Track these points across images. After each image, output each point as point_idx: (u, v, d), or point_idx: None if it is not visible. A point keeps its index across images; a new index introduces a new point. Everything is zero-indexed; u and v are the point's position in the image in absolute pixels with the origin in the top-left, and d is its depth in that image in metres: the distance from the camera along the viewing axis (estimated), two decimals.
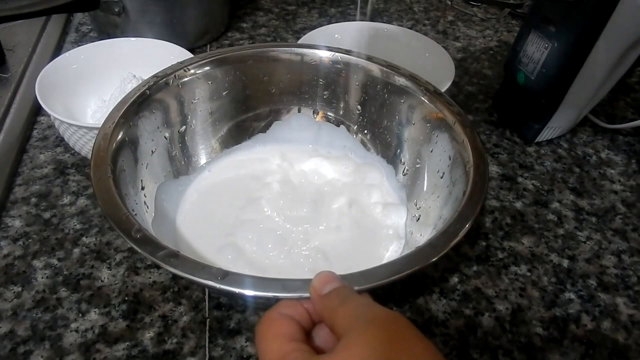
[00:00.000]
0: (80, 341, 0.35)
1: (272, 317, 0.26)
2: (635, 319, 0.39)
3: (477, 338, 0.37)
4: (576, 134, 0.56)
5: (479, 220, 0.46)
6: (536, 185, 0.50)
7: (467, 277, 0.41)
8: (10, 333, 0.36)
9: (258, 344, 0.25)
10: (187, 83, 0.44)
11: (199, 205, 0.44)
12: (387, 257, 0.40)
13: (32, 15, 0.52)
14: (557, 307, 0.39)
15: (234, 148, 0.49)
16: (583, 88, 0.49)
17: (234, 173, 0.47)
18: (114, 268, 0.40)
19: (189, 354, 0.35)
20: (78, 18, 0.73)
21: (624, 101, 0.61)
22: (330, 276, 0.26)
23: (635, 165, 0.52)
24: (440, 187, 0.40)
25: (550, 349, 0.37)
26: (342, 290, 0.26)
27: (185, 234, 0.41)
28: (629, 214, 0.47)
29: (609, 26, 0.43)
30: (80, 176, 0.48)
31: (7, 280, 0.39)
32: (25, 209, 0.45)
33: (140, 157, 0.40)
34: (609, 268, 0.42)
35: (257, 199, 0.44)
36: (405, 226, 0.43)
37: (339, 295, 0.25)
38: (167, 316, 0.37)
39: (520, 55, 0.51)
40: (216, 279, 0.28)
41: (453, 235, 0.31)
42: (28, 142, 0.52)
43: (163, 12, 0.62)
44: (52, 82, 0.48)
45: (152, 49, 0.54)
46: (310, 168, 0.47)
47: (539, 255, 0.43)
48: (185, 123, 0.45)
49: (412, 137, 0.44)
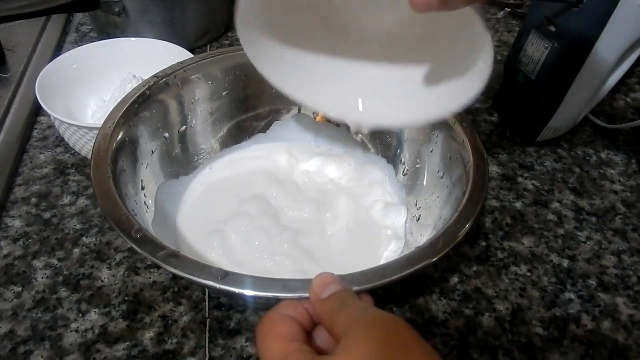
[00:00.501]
0: (80, 341, 0.35)
1: (273, 317, 0.26)
2: (635, 319, 0.39)
3: (477, 338, 0.37)
4: (576, 134, 0.56)
5: (479, 220, 0.46)
6: (536, 185, 0.50)
7: (467, 277, 0.41)
8: (10, 333, 0.36)
9: (259, 345, 0.25)
10: (187, 83, 0.44)
11: (199, 205, 0.44)
12: (386, 257, 0.40)
13: (32, 15, 0.52)
14: (557, 307, 0.39)
15: (234, 148, 0.49)
16: (583, 88, 0.49)
17: (234, 173, 0.47)
18: (114, 268, 0.40)
19: (189, 354, 0.35)
20: (78, 18, 0.73)
21: (624, 101, 0.61)
22: (329, 278, 0.26)
23: (635, 165, 0.52)
24: (440, 187, 0.40)
25: (550, 349, 0.37)
26: (342, 295, 0.25)
27: (185, 234, 0.41)
28: (629, 214, 0.47)
29: (609, 26, 0.43)
30: (80, 176, 0.48)
31: (7, 280, 0.39)
32: (25, 209, 0.45)
33: (140, 157, 0.40)
34: (609, 268, 0.42)
35: (257, 198, 0.44)
36: (405, 226, 0.43)
37: (338, 300, 0.25)
38: (167, 316, 0.37)
39: (520, 55, 0.51)
40: (216, 279, 0.28)
41: (453, 235, 0.31)
42: (28, 142, 0.52)
43: (163, 12, 0.62)
44: (52, 82, 0.48)
45: (152, 49, 0.54)
46: (312, 167, 0.47)
47: (539, 255, 0.43)
48: (185, 123, 0.45)
49: (412, 137, 0.44)
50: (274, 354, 0.24)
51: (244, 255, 0.39)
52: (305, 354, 0.23)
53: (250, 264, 0.38)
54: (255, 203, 0.43)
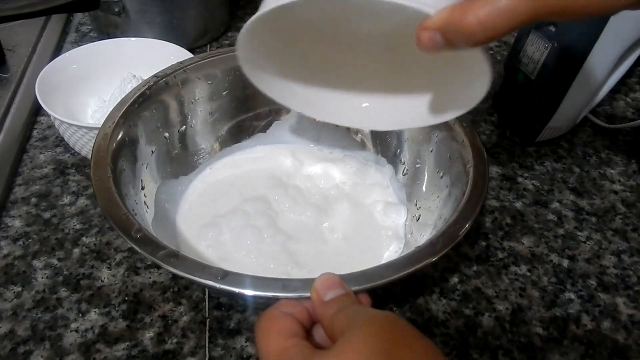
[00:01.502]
0: (80, 341, 0.35)
1: (272, 314, 0.26)
2: (635, 319, 0.39)
3: (477, 338, 0.37)
4: (576, 134, 0.56)
5: (479, 220, 0.46)
6: (536, 185, 0.50)
7: (467, 277, 0.41)
8: (10, 333, 0.36)
9: (258, 341, 0.25)
10: (187, 83, 0.44)
11: (199, 205, 0.44)
12: (387, 257, 0.40)
13: (32, 15, 0.52)
14: (557, 307, 0.39)
15: (234, 148, 0.49)
16: (583, 88, 0.49)
17: (234, 173, 0.47)
18: (114, 268, 0.40)
19: (189, 354, 0.35)
20: (78, 18, 0.73)
21: (624, 101, 0.61)
22: (333, 280, 0.26)
23: (635, 165, 0.52)
24: (440, 187, 0.40)
25: (550, 349, 0.37)
26: (344, 300, 0.26)
27: (184, 233, 0.41)
28: (629, 214, 0.47)
29: (608, 26, 0.43)
30: (80, 176, 0.48)
31: (7, 280, 0.39)
32: (25, 209, 0.45)
33: (140, 157, 0.40)
34: (609, 268, 0.42)
35: (258, 199, 0.44)
36: (405, 226, 0.43)
37: (340, 304, 0.25)
38: (167, 316, 0.37)
39: (520, 55, 0.51)
40: (216, 279, 0.28)
41: (453, 235, 0.31)
42: (28, 142, 0.52)
43: (163, 12, 0.62)
44: (52, 82, 0.48)
45: (152, 49, 0.54)
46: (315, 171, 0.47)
47: (539, 255, 0.43)
48: (185, 123, 0.45)
49: (412, 137, 0.44)
50: (273, 349, 0.24)
51: (231, 251, 0.39)
52: (304, 348, 0.23)
53: (234, 260, 0.39)
54: (255, 203, 0.43)
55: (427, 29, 0.21)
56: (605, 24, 0.43)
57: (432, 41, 0.21)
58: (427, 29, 0.21)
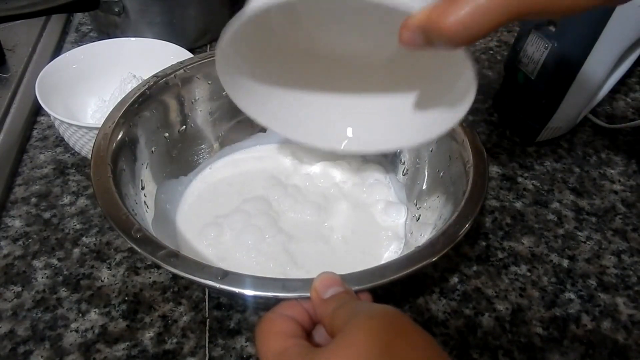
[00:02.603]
0: (80, 341, 0.35)
1: (272, 317, 0.26)
2: (635, 319, 0.39)
3: (477, 338, 0.37)
4: (576, 134, 0.56)
5: (479, 220, 0.46)
6: (536, 185, 0.50)
7: (467, 277, 0.41)
8: (10, 333, 0.36)
9: (258, 343, 0.25)
10: (187, 83, 0.44)
11: (199, 205, 0.44)
12: (387, 257, 0.40)
13: (32, 15, 0.52)
14: (557, 307, 0.39)
15: (234, 148, 0.49)
16: (583, 88, 0.49)
17: (234, 173, 0.47)
18: (114, 268, 0.40)
19: (189, 354, 0.35)
20: (78, 18, 0.73)
21: (624, 101, 0.61)
22: (332, 279, 0.26)
23: (635, 165, 0.52)
24: (440, 187, 0.40)
25: (550, 349, 0.37)
26: (344, 297, 0.26)
27: (184, 233, 0.41)
28: (629, 214, 0.47)
29: (609, 26, 0.43)
30: (80, 176, 0.48)
31: (7, 280, 0.39)
32: (25, 209, 0.45)
33: (140, 157, 0.40)
34: (609, 268, 0.42)
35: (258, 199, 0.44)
36: (405, 226, 0.43)
37: (340, 301, 0.25)
38: (167, 316, 0.37)
39: (520, 55, 0.51)
40: (216, 279, 0.28)
41: (453, 235, 0.31)
42: (28, 142, 0.52)
43: (163, 12, 0.62)
44: (52, 82, 0.48)
45: (152, 49, 0.54)
46: (315, 170, 0.47)
47: (539, 255, 0.43)
48: (185, 123, 0.45)
49: None
50: (273, 349, 0.24)
51: (231, 251, 0.39)
52: (303, 347, 0.23)
53: (234, 260, 0.39)
54: (256, 203, 0.43)
55: (408, 28, 0.21)
56: (605, 24, 0.43)
57: (412, 40, 0.21)
58: (407, 29, 0.21)
